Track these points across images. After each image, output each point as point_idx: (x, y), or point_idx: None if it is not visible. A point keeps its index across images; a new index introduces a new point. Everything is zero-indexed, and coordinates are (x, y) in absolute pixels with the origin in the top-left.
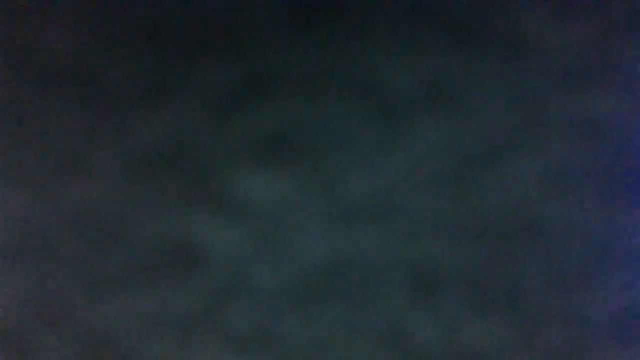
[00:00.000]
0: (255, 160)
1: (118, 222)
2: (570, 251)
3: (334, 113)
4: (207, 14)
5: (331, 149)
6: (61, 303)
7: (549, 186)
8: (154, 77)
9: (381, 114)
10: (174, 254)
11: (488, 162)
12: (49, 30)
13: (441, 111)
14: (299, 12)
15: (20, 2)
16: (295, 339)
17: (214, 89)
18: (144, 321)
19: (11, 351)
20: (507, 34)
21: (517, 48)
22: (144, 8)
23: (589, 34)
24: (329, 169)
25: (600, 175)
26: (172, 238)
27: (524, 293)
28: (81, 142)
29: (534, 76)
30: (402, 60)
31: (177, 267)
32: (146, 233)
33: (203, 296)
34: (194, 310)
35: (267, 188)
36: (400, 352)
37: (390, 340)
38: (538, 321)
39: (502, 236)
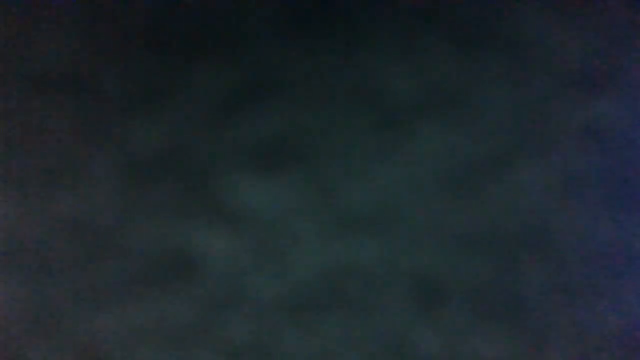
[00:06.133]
0: (254, 168)
1: (112, 231)
2: (577, 261)
3: (334, 119)
4: (205, 18)
5: (331, 156)
6: (54, 314)
7: (554, 194)
8: (149, 84)
9: (382, 120)
10: (170, 264)
11: (492, 169)
12: (44, 34)
13: (443, 117)
14: (298, 17)
15: (17, 6)
16: (294, 351)
17: (212, 95)
18: (139, 332)
19: None
20: (510, 40)
21: (521, 53)
22: (140, 14)
23: (592, 39)
24: (328, 177)
25: (607, 183)
26: (168, 247)
27: (529, 305)
28: (75, 148)
29: (538, 82)
30: (404, 65)
31: (173, 277)
32: (141, 242)
33: (200, 307)
34: (190, 321)
35: (266, 196)
36: None
37: (391, 352)
38: (544, 334)
39: (507, 245)
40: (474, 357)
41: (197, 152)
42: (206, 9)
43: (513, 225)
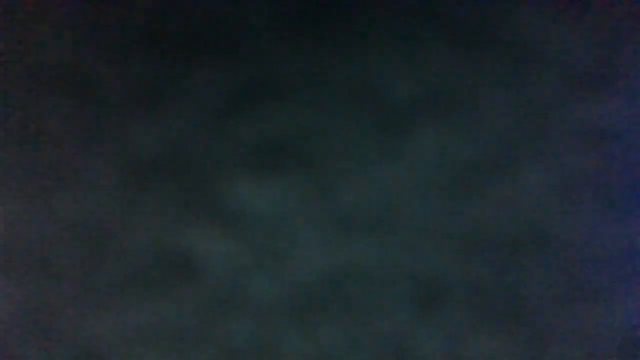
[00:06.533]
0: (254, 169)
1: (112, 231)
2: (577, 262)
3: (334, 119)
4: (205, 18)
5: (331, 157)
6: (54, 314)
7: (554, 194)
8: (149, 84)
9: (382, 121)
10: (170, 264)
11: (492, 170)
12: (43, 34)
13: (444, 118)
14: (298, 17)
15: (16, 6)
16: (294, 352)
17: (212, 96)
18: (139, 335)
19: None
20: (510, 40)
21: (521, 54)
22: (140, 14)
23: (593, 40)
24: (329, 178)
25: (608, 184)
26: (168, 248)
27: (530, 307)
28: (74, 149)
29: (538, 82)
30: (404, 66)
31: (173, 278)
32: (141, 242)
33: (200, 308)
34: (190, 322)
35: (266, 197)
36: None
37: (391, 353)
38: (545, 337)
39: (507, 247)
40: (474, 358)
41: (197, 152)
42: (206, 9)
43: (513, 225)
